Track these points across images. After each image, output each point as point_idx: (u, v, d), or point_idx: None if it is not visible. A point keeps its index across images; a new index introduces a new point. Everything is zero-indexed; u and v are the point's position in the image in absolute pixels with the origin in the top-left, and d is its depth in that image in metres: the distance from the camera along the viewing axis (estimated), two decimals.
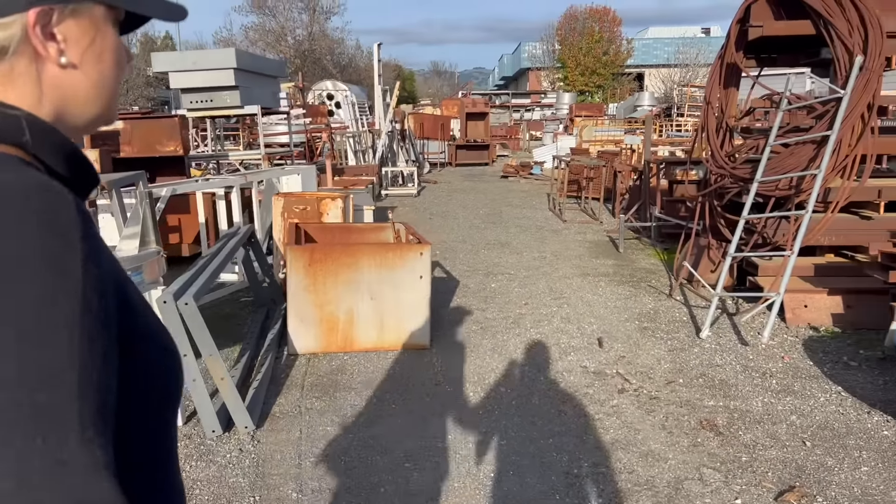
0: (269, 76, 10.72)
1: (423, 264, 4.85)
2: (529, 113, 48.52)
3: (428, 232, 10.15)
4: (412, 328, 4.91)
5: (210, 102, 9.73)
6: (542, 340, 5.21)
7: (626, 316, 5.86)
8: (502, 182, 17.76)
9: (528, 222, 11.14)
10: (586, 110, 31.44)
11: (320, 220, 5.97)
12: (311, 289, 4.72)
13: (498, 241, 9.46)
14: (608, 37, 49.51)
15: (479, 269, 7.72)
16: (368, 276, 4.79)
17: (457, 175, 19.85)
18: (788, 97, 5.72)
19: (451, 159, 22.69)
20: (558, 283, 7.01)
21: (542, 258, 8.34)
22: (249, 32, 51.11)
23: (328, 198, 5.98)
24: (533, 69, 57.49)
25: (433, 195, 14.98)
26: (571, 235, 9.97)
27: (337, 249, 4.73)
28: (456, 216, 11.85)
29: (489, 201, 13.86)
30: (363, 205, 6.69)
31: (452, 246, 9.11)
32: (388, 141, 16.21)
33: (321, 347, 4.79)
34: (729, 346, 5.08)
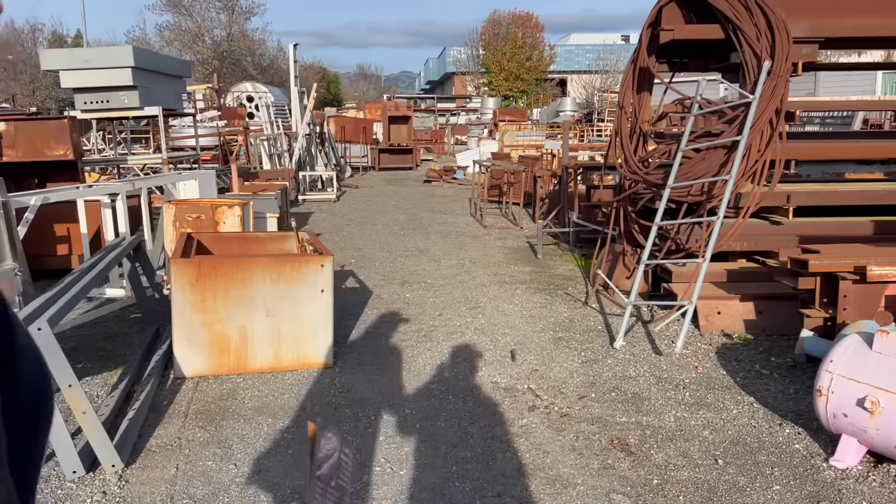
0: (173, 76, 10.15)
1: (324, 277, 4.52)
2: (455, 117, 48.56)
3: (345, 239, 9.81)
4: (313, 346, 4.57)
5: (106, 103, 9.12)
6: (454, 355, 4.96)
7: (541, 326, 5.67)
8: (425, 187, 17.53)
9: (448, 228, 10.93)
10: (510, 115, 31.60)
11: (216, 230, 5.56)
12: (198, 306, 4.33)
13: (416, 249, 9.19)
14: (531, 42, 50.10)
15: (395, 278, 7.43)
16: (264, 292, 4.43)
17: (379, 179, 19.52)
18: (699, 102, 5.67)
19: (374, 163, 22.34)
20: (475, 292, 6.79)
21: (460, 265, 8.11)
22: (165, 32, 49.34)
23: (224, 205, 5.57)
24: (458, 74, 57.64)
25: (353, 200, 14.60)
26: (491, 241, 9.80)
27: (228, 263, 4.34)
28: (375, 222, 11.53)
29: (410, 206, 13.59)
30: (266, 212, 6.30)
31: (369, 254, 8.79)
32: (305, 144, 15.73)
33: (211, 370, 4.40)
34: (643, 356, 4.94)
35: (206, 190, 6.40)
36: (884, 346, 3.26)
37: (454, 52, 59.25)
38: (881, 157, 7.90)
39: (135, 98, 9.08)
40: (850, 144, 6.72)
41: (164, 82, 9.82)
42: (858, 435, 3.30)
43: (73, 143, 7.98)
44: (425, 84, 76.77)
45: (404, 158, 22.65)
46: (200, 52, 49.05)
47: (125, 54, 8.76)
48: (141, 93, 9.11)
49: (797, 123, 7.14)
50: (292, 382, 4.37)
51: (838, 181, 7.82)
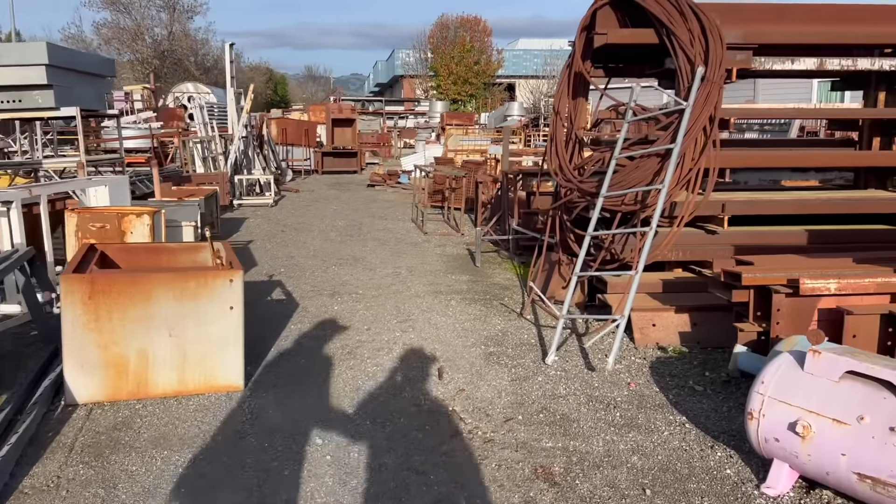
0: (94, 75, 9.61)
1: (233, 293, 4.19)
2: (403, 120, 48.31)
3: (277, 246, 9.43)
4: (222, 368, 4.23)
5: (19, 103, 8.54)
6: (378, 374, 4.67)
7: (473, 340, 5.43)
8: (368, 191, 17.19)
9: (387, 235, 10.63)
10: (457, 119, 31.46)
11: (122, 240, 5.16)
12: (92, 326, 3.95)
13: (352, 257, 8.86)
14: (479, 46, 50.16)
15: (325, 288, 7.10)
16: (166, 309, 4.07)
17: (321, 183, 19.09)
18: (634, 108, 5.51)
19: (318, 167, 21.89)
20: (407, 304, 6.52)
21: (395, 275, 7.83)
22: (102, 30, 47.79)
23: (132, 214, 5.17)
24: (406, 77, 57.39)
25: (292, 205, 14.18)
26: (430, 249, 9.54)
27: (124, 279, 3.97)
28: (311, 229, 11.16)
29: (351, 212, 13.25)
30: (182, 220, 5.91)
31: (301, 263, 8.43)
32: (242, 147, 15.23)
33: (107, 395, 4.02)
34: (575, 371, 4.74)
35: (118, 196, 5.97)
36: (815, 367, 3.10)
37: (403, 54, 58.99)
38: (815, 164, 7.93)
39: (49, 98, 8.52)
40: (784, 153, 6.68)
41: (84, 82, 9.27)
42: (790, 460, 3.13)
43: None
44: (374, 87, 76.28)
45: (349, 162, 22.25)
46: (140, 51, 47.68)
47: (38, 51, 8.21)
48: (57, 92, 8.56)
49: (733, 131, 7.09)
50: (197, 408, 4.03)
51: (774, 189, 7.81)
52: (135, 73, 46.67)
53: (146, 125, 20.71)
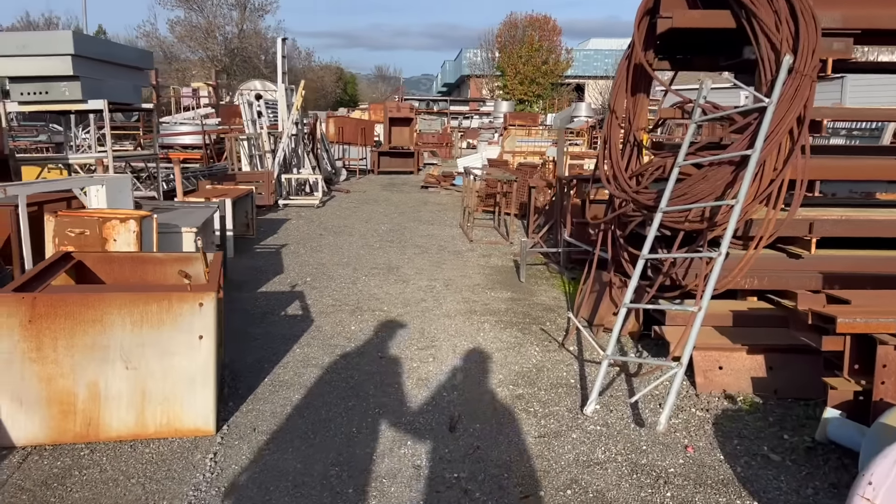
0: (129, 67, 9.20)
1: (203, 320, 3.50)
2: (468, 121, 47.68)
3: (310, 252, 8.80)
4: (189, 408, 3.55)
5: (45, 94, 8.17)
6: (378, 420, 3.92)
7: (501, 377, 4.61)
8: (421, 193, 16.51)
9: (430, 241, 9.89)
10: (520, 119, 30.48)
11: (103, 249, 4.56)
12: (33, 355, 3.32)
13: (386, 266, 8.15)
14: (548, 46, 48.99)
15: (348, 303, 6.40)
16: (122, 338, 3.42)
17: (375, 184, 18.52)
18: (703, 106, 4.59)
19: (374, 166, 21.36)
20: (434, 326, 5.74)
21: (429, 289, 7.07)
22: (176, 28, 48.77)
23: (115, 218, 4.56)
24: (473, 76, 56.77)
25: (338, 207, 13.61)
26: (473, 259, 8.74)
27: (72, 299, 3.33)
28: (352, 232, 10.51)
29: (397, 215, 12.57)
30: (182, 226, 5.29)
31: (330, 271, 7.77)
32: (292, 145, 14.75)
33: (50, 437, 3.39)
34: (619, 426, 3.87)
35: (119, 198, 5.42)
36: None
37: (470, 54, 58.42)
38: None
39: (77, 90, 8.13)
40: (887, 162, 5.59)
41: (116, 74, 8.87)
42: None
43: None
44: (442, 87, 75.98)
45: (405, 162, 21.65)
46: (210, 48, 48.43)
47: (64, 41, 7.81)
48: (84, 84, 8.16)
49: (823, 135, 6.04)
50: (151, 459, 3.35)
51: (870, 204, 6.68)
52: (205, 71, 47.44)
53: (207, 122, 20.59)
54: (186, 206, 6.80)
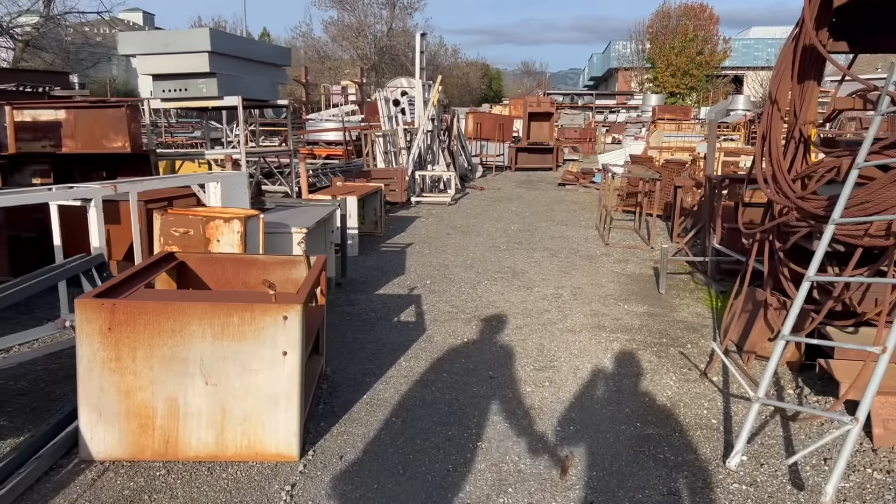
0: (266, 64, 9.28)
1: (287, 334, 3.17)
2: (614, 115, 46.13)
3: (435, 252, 8.46)
4: (270, 430, 3.24)
5: (184, 91, 8.37)
6: (480, 455, 3.43)
7: (628, 411, 3.98)
8: (557, 191, 15.84)
9: (562, 244, 9.27)
10: (670, 113, 28.83)
11: (206, 249, 4.39)
12: (113, 366, 3.13)
13: (511, 270, 7.65)
14: (703, 36, 46.24)
15: (465, 311, 5.97)
16: (203, 350, 3.16)
17: (510, 181, 18.04)
18: (893, 94, 3.71)
19: (511, 163, 20.89)
20: (556, 342, 5.18)
21: (555, 297, 6.50)
22: (329, 28, 50.67)
23: (219, 218, 4.38)
24: (621, 69, 54.84)
25: (471, 204, 13.25)
26: (608, 265, 8.05)
27: (152, 308, 3.11)
28: (480, 232, 10.09)
29: (530, 214, 12.02)
30: (293, 227, 5.06)
31: (451, 274, 7.38)
32: (428, 141, 14.57)
33: (128, 453, 3.19)
34: (771, 488, 3.15)
35: (234, 195, 5.30)
36: None
37: (619, 46, 56.48)
38: None
39: (213, 86, 8.26)
40: None
41: (253, 70, 8.96)
42: None
43: (131, 134, 7.23)
44: (588, 80, 74.16)
45: (544, 158, 21.00)
46: (361, 47, 49.88)
47: (201, 37, 7.94)
48: (220, 80, 8.28)
49: None
50: (226, 486, 3.06)
51: None
52: (355, 69, 49.00)
53: (349, 119, 20.99)
54: (308, 204, 6.65)
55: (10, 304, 3.44)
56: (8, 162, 7.06)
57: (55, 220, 4.43)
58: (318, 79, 44.25)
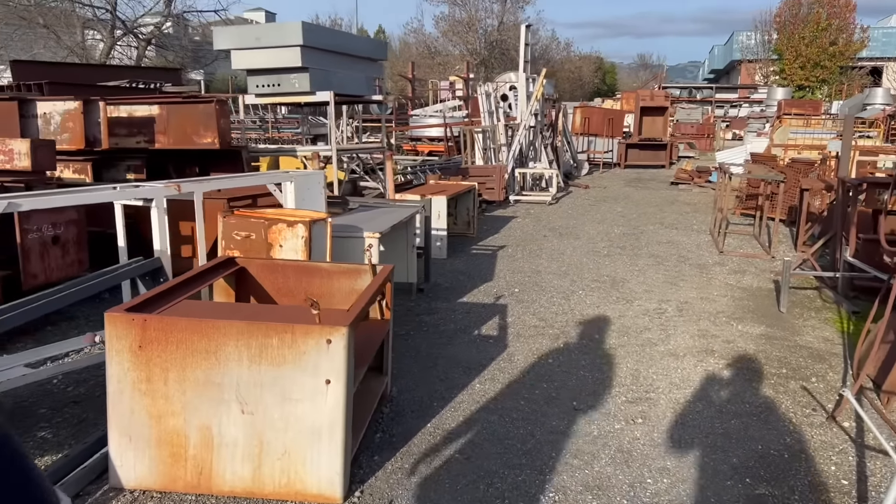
0: (361, 58, 9.04)
1: (330, 360, 2.79)
2: (735, 109, 43.76)
3: (528, 256, 7.95)
4: (311, 467, 2.87)
5: (277, 87, 8.25)
6: None
7: (735, 461, 3.35)
8: (670, 190, 14.89)
9: (669, 250, 8.52)
10: (797, 107, 26.75)
11: (268, 255, 4.09)
12: (143, 387, 2.85)
13: (611, 279, 7.03)
14: (838, 24, 42.87)
15: (553, 325, 5.43)
16: (238, 375, 2.83)
17: (619, 179, 17.17)
18: None
19: (620, 160, 19.95)
20: (653, 368, 4.57)
21: (657, 313, 5.85)
22: (440, 23, 50.70)
23: (282, 222, 4.06)
24: (744, 61, 51.94)
25: (572, 204, 12.59)
26: (721, 275, 7.26)
27: (185, 326, 2.80)
28: (579, 235, 9.47)
29: (637, 216, 11.24)
30: (365, 231, 4.69)
31: (543, 281, 6.85)
32: (530, 137, 14.01)
33: (160, 482, 2.91)
34: None
35: (308, 196, 5.01)
36: None
37: (742, 37, 53.55)
38: None
39: (305, 81, 8.09)
40: None
41: (347, 64, 8.75)
42: None
43: (220, 130, 7.14)
44: (708, 73, 70.88)
45: (656, 155, 19.92)
46: (470, 42, 49.62)
47: (294, 31, 7.77)
48: (312, 75, 8.09)
49: None
50: None
51: None
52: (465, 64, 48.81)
53: (451, 114, 20.72)
54: (391, 205, 6.31)
55: (53, 311, 3.24)
56: (102, 157, 7.13)
57: (119, 220, 4.27)
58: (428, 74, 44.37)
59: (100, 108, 6.67)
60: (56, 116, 6.64)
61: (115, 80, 10.14)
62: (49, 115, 6.65)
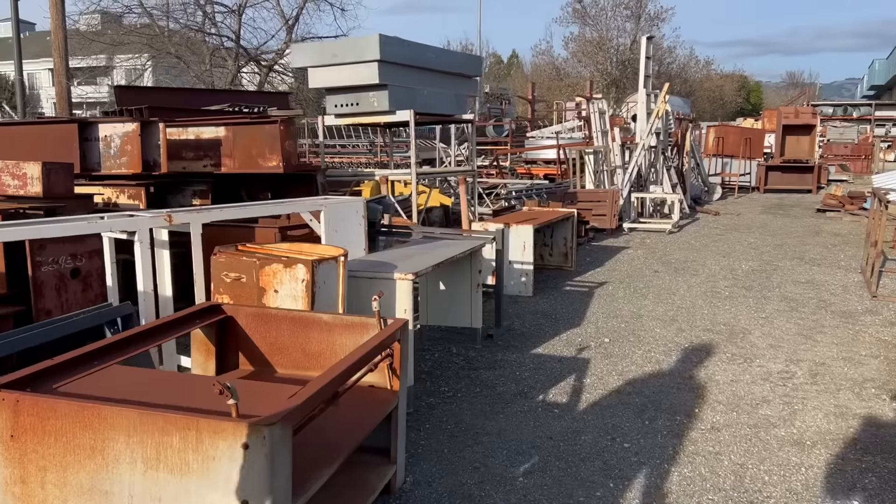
0: (451, 74, 8.29)
1: (249, 473, 1.95)
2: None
3: (631, 296, 6.84)
4: None
5: (356, 106, 7.64)
6: None
7: None
8: (815, 218, 13.04)
9: (808, 292, 7.07)
10: None
11: (261, 301, 3.32)
12: (17, 490, 2.14)
13: (729, 328, 5.78)
14: None
15: (642, 391, 4.33)
16: (132, 483, 2.05)
17: (756, 204, 15.38)
18: None
19: (759, 183, 18.02)
20: (767, 465, 3.39)
21: (784, 378, 4.59)
22: (569, 44, 49.52)
23: (277, 261, 3.29)
24: None
25: (697, 233, 11.17)
26: (873, 328, 5.81)
27: (64, 411, 2.07)
28: (698, 271, 8.16)
29: (772, 248, 9.71)
30: (392, 273, 3.83)
31: (642, 329, 5.72)
32: (650, 158, 12.71)
33: None
34: None
35: (342, 226, 4.24)
36: None
37: None
38: None
39: (384, 99, 7.41)
40: None
41: (434, 81, 8.00)
42: None
43: (285, 152, 6.57)
44: (868, 90, 65.12)
45: (801, 178, 17.83)
46: (600, 62, 48.08)
47: (371, 46, 7.12)
48: (392, 93, 7.41)
49: None
50: None
51: None
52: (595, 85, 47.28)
53: (571, 135, 19.66)
54: (457, 236, 5.44)
55: None
56: (169, 181, 6.77)
57: (108, 254, 3.67)
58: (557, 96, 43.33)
59: (159, 129, 6.29)
60: (116, 139, 6.33)
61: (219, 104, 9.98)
62: (110, 137, 6.36)
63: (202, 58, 19.62)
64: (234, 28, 18.93)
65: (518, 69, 63.85)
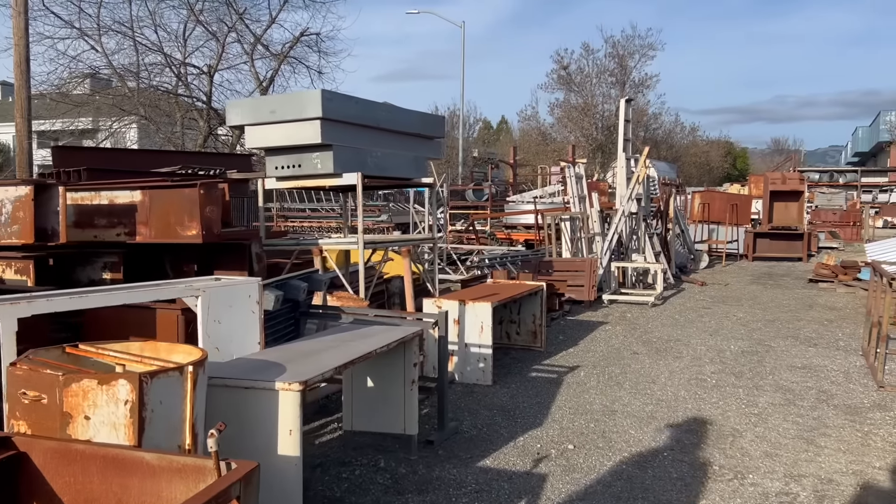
0: (408, 135, 7.57)
1: None
2: (885, 194, 39.69)
3: (603, 385, 5.95)
4: None
5: (298, 168, 6.87)
6: None
7: None
8: (807, 289, 12.26)
9: (806, 380, 6.21)
10: None
11: (64, 432, 2.42)
12: None
13: (717, 429, 4.89)
14: None
15: None
16: None
17: (745, 273, 14.63)
18: None
19: (747, 251, 17.32)
20: None
21: (781, 500, 3.67)
22: (555, 109, 49.71)
23: (88, 376, 2.41)
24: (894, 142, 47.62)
25: (682, 306, 10.33)
26: (885, 429, 4.93)
27: None
28: (682, 352, 7.28)
29: (763, 323, 8.88)
30: (289, 376, 2.92)
31: (614, 429, 4.80)
32: (632, 225, 11.98)
33: None
34: None
35: (227, 317, 3.37)
36: None
37: (891, 116, 49.50)
38: None
39: (328, 161, 6.65)
40: None
41: (388, 142, 7.27)
42: None
43: (205, 220, 5.75)
44: (852, 156, 65.97)
45: (790, 246, 17.15)
46: (585, 127, 48.21)
47: (312, 102, 6.38)
48: (337, 153, 6.65)
49: None
50: None
51: None
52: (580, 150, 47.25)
53: (551, 200, 19.05)
54: (392, 320, 4.57)
55: None
56: (74, 253, 5.91)
57: None
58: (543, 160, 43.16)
59: (58, 193, 5.47)
60: (7, 204, 5.50)
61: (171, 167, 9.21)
62: (2, 202, 5.53)
63: (173, 119, 19.03)
64: (206, 89, 18.38)
65: (507, 134, 64.12)
